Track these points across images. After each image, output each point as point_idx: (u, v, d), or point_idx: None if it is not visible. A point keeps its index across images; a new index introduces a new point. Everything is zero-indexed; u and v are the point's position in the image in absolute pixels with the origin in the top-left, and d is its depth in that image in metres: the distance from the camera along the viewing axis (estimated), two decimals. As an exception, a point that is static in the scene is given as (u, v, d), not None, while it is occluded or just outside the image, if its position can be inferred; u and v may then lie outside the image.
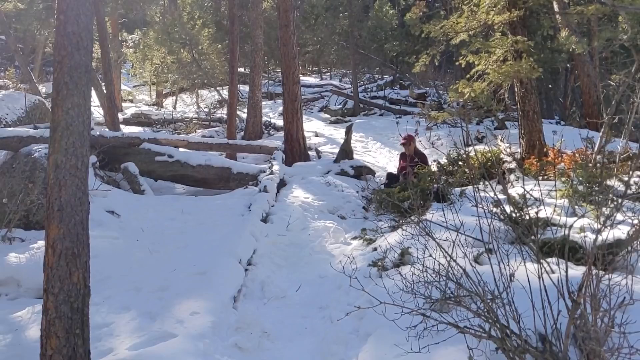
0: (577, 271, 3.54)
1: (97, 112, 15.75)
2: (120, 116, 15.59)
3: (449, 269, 3.22)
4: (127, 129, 13.86)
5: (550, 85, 19.12)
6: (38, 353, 3.30)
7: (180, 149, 9.61)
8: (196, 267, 5.38)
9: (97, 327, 4.02)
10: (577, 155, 7.25)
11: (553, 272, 3.28)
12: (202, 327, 4.15)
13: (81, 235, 3.28)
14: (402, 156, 8.95)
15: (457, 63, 8.99)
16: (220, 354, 3.96)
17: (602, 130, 6.91)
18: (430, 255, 3.31)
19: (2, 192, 6.61)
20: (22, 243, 5.76)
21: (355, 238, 6.77)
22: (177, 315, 4.35)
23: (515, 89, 8.38)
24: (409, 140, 8.81)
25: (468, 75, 8.53)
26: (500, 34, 8.20)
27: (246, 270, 5.65)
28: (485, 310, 2.94)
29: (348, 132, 10.06)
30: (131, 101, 23.87)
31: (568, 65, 15.55)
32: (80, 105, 3.34)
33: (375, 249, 5.93)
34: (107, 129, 11.30)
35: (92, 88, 3.94)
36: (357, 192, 8.65)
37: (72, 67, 3.30)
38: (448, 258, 3.20)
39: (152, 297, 4.77)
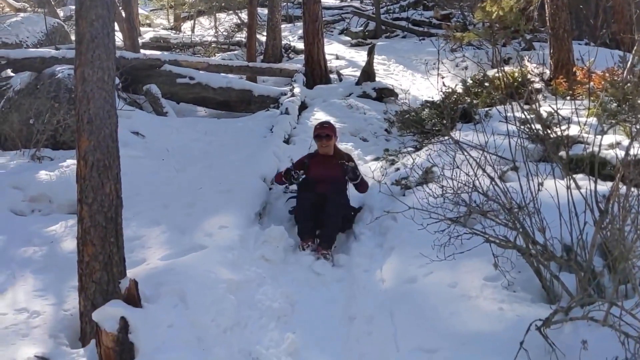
0: (605, 186, 3.53)
1: (117, 36, 15.55)
2: (139, 40, 15.39)
3: (475, 180, 3.23)
4: (146, 53, 13.74)
5: (580, 6, 18.31)
6: (74, 262, 3.43)
7: (201, 72, 9.52)
8: (222, 185, 5.47)
9: (128, 239, 4.11)
10: (607, 74, 7.04)
11: (581, 188, 3.26)
12: (230, 240, 4.28)
13: (111, 148, 3.32)
14: (313, 158, 5.53)
15: (485, -21, 8.62)
16: (248, 264, 4.11)
17: (635, 48, 6.67)
18: (458, 167, 3.31)
19: (28, 113, 6.68)
20: (51, 162, 5.88)
21: (377, 159, 6.78)
22: (205, 229, 4.48)
23: (545, 6, 8.05)
24: (329, 131, 5.49)
25: (496, -8, 8.20)
26: (533, -54, 7.80)
27: (270, 189, 5.74)
28: (511, 219, 2.96)
29: (370, 52, 9.82)
30: (149, 25, 23.46)
31: (601, -18, 14.80)
32: (104, 16, 3.29)
33: (397, 169, 5.95)
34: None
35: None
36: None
37: (94, -23, 3.23)
38: (476, 168, 3.20)
39: (180, 213, 4.89)
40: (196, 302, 3.35)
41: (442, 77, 6.14)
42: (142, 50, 12.45)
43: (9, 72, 8.28)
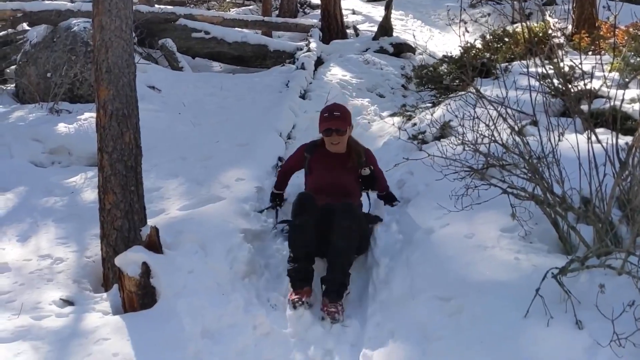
0: (627, 141, 3.48)
1: (130, -10, 15.38)
2: (153, -5, 15.21)
3: (494, 131, 3.21)
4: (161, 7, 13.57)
5: (606, -41, 17.69)
6: (94, 212, 3.50)
7: (216, 26, 9.42)
8: (238, 139, 5.50)
9: (147, 191, 4.15)
10: (631, 29, 6.85)
11: (601, 142, 3.23)
12: (247, 191, 4.33)
13: (130, 97, 3.33)
14: (316, 153, 4.02)
15: None
16: (265, 215, 4.17)
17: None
18: (478, 118, 3.28)
19: (45, 66, 6.69)
20: (69, 115, 5.91)
21: (394, 115, 6.74)
22: (222, 181, 4.53)
23: (570, -42, 7.80)
24: (341, 123, 3.84)
25: (519, -57, 7.91)
26: None
27: (286, 143, 5.75)
28: (530, 170, 2.95)
29: (388, 7, 9.64)
30: (162, -20, 23.15)
31: None
32: (121, -36, 3.26)
33: (414, 125, 5.91)
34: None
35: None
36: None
37: None
38: (496, 118, 3.17)
39: (197, 166, 4.95)
40: (215, 250, 3.41)
41: (465, 22, 5.92)
42: (156, 5, 12.31)
43: (25, 25, 8.26)
